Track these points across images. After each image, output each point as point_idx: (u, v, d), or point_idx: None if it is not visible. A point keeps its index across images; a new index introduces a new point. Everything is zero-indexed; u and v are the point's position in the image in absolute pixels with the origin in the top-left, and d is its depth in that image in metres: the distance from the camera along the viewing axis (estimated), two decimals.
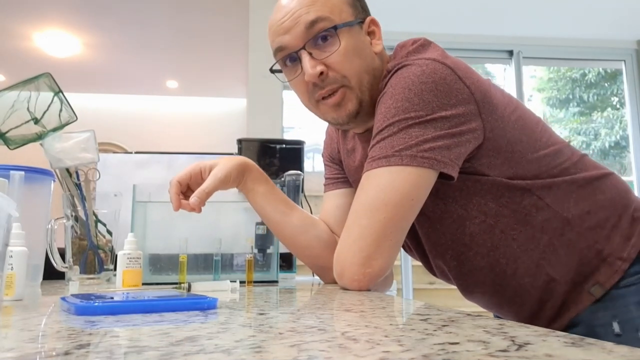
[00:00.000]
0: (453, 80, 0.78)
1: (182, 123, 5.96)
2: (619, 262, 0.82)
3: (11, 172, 0.89)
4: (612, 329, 0.79)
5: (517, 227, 0.82)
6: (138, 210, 1.01)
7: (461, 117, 0.77)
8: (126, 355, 0.31)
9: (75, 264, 1.00)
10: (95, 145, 1.04)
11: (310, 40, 0.83)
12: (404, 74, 0.79)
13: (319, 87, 0.85)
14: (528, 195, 0.82)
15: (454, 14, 3.81)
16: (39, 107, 1.00)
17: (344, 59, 0.84)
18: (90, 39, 4.48)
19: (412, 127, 0.76)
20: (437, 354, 0.29)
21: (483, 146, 0.80)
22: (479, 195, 0.82)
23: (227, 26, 4.14)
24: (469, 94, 0.78)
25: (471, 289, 0.92)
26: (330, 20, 0.83)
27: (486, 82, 0.84)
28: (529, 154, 0.83)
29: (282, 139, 1.63)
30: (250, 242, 1.00)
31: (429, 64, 0.79)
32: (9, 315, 0.54)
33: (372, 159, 0.78)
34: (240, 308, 0.58)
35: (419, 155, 0.74)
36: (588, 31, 4.12)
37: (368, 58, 0.87)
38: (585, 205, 0.83)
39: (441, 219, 0.85)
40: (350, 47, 0.84)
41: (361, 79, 0.85)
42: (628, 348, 0.29)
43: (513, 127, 0.82)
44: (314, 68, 0.83)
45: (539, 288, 0.84)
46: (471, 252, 0.86)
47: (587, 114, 5.57)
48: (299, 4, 0.84)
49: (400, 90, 0.78)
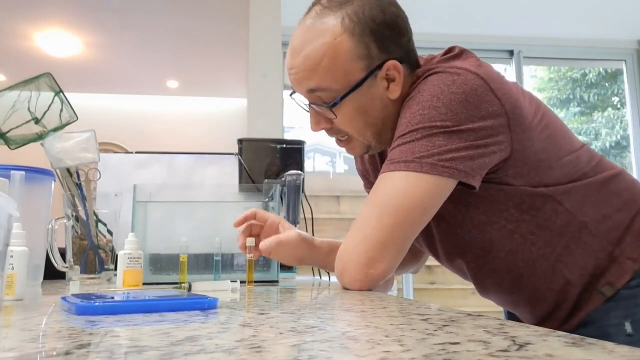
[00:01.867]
0: (484, 93, 0.75)
1: (182, 123, 5.96)
2: (629, 262, 0.81)
3: (12, 172, 0.89)
4: (624, 329, 0.78)
5: (536, 232, 0.82)
6: (139, 210, 1.01)
7: (489, 130, 0.75)
8: (127, 355, 0.31)
9: (76, 264, 1.00)
10: (96, 145, 1.04)
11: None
12: (434, 82, 0.77)
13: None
14: (549, 201, 0.81)
15: (455, 14, 3.80)
16: (40, 107, 1.00)
17: (346, 123, 0.84)
18: (91, 39, 4.48)
19: (437, 135, 0.74)
20: (438, 354, 0.29)
21: (511, 159, 0.78)
22: (502, 203, 0.82)
23: (227, 26, 4.14)
24: (500, 106, 0.76)
25: (488, 289, 0.93)
26: (331, 91, 0.81)
27: (516, 92, 0.81)
28: (554, 162, 0.82)
29: (282, 139, 1.63)
30: (250, 242, 1.00)
31: (461, 73, 0.76)
32: (10, 315, 0.54)
33: (391, 161, 0.77)
34: (241, 308, 0.58)
35: (439, 164, 0.73)
36: (589, 31, 4.12)
37: (377, 111, 0.84)
38: (602, 208, 0.83)
39: (462, 224, 0.85)
40: (353, 111, 0.83)
41: (365, 134, 0.85)
42: (629, 348, 0.29)
43: (540, 137, 0.81)
44: (316, 125, 0.85)
45: (554, 290, 0.84)
46: (490, 256, 0.86)
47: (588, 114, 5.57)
48: (303, 66, 0.81)
49: (429, 98, 0.76)
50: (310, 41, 0.80)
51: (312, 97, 0.83)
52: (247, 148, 1.58)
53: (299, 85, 0.84)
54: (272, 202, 1.10)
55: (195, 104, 6.02)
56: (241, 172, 1.57)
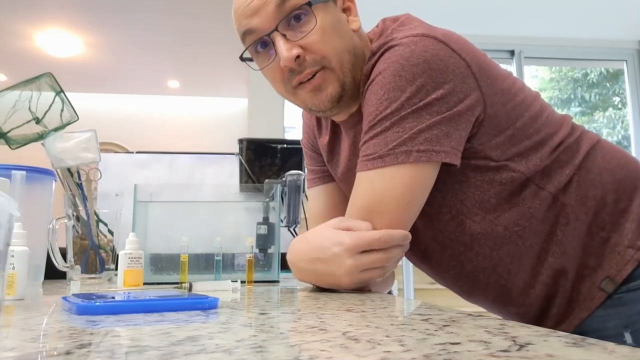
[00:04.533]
0: (447, 55, 0.71)
1: (183, 123, 5.96)
2: (630, 250, 0.75)
3: (13, 172, 0.89)
4: (624, 340, 0.73)
5: (520, 222, 0.77)
6: (139, 210, 1.01)
7: (459, 94, 0.71)
8: (127, 355, 0.31)
9: (76, 263, 1.00)
10: (96, 145, 1.04)
11: (282, 21, 0.76)
12: (392, 57, 0.73)
13: (297, 72, 0.77)
14: (528, 185, 0.77)
15: (455, 13, 3.80)
16: (41, 106, 1.00)
17: (321, 38, 0.76)
18: (92, 39, 4.48)
19: (406, 118, 0.70)
20: (438, 354, 0.29)
21: (484, 123, 0.74)
22: (478, 187, 0.77)
23: (228, 26, 4.12)
24: (465, 67, 0.72)
25: (472, 292, 0.87)
26: None
27: (482, 53, 0.78)
28: (530, 131, 0.77)
29: (283, 139, 1.63)
30: (251, 241, 1.00)
31: (417, 41, 0.72)
32: (11, 315, 0.54)
33: (366, 157, 0.74)
34: (242, 308, 0.58)
35: (414, 149, 0.70)
36: (590, 31, 4.12)
37: (347, 36, 0.79)
38: (590, 189, 0.77)
39: (439, 214, 0.80)
40: (328, 25, 0.77)
41: (342, 58, 0.78)
42: (629, 348, 0.29)
43: (513, 100, 0.77)
44: (289, 51, 0.75)
45: (544, 283, 0.79)
46: (472, 252, 0.81)
47: (589, 114, 5.56)
48: None
49: (391, 78, 0.72)
50: None
51: (284, 11, 0.75)
52: (248, 148, 1.58)
53: (264, 5, 0.76)
54: (272, 201, 1.10)
55: (195, 103, 6.02)
56: (241, 172, 1.57)
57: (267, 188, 1.14)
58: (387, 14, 0.88)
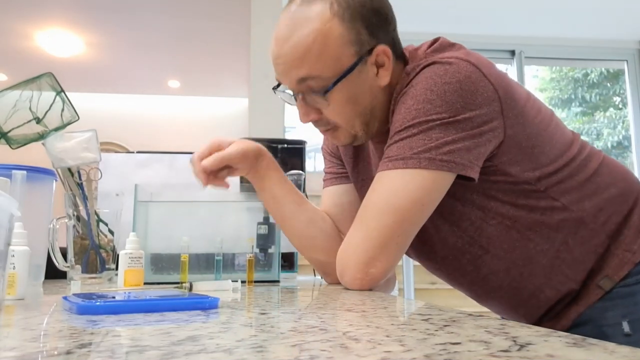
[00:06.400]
0: (478, 79, 0.75)
1: (183, 123, 5.96)
2: (627, 254, 0.81)
3: (13, 172, 0.89)
4: (622, 329, 0.78)
5: (533, 227, 0.82)
6: (140, 209, 1.01)
7: (484, 117, 0.75)
8: (128, 355, 0.31)
9: (77, 263, 1.00)
10: (97, 144, 1.04)
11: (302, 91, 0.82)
12: (427, 74, 0.76)
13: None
14: (544, 197, 0.81)
15: (456, 13, 3.80)
16: (41, 106, 1.00)
17: (336, 112, 0.82)
18: (92, 39, 4.48)
19: (433, 129, 0.73)
20: (439, 354, 0.29)
21: (504, 144, 0.78)
22: (497, 199, 0.81)
23: (229, 26, 4.14)
24: (493, 91, 0.76)
25: (487, 295, 0.91)
26: (321, 79, 0.78)
27: (507, 76, 0.81)
28: (547, 148, 0.81)
29: (283, 139, 1.63)
30: (251, 241, 1.00)
31: (453, 62, 0.76)
32: (11, 315, 0.54)
33: (388, 158, 0.77)
34: (242, 308, 0.58)
35: (437, 158, 0.73)
36: (590, 31, 4.12)
37: (367, 99, 0.83)
38: (599, 201, 0.83)
39: (459, 221, 0.84)
40: (344, 99, 0.81)
41: (353, 124, 0.84)
42: (630, 348, 0.29)
43: (532, 122, 0.81)
44: (305, 117, 0.83)
45: (553, 287, 0.84)
46: (488, 256, 0.85)
47: (590, 114, 5.56)
48: (292, 54, 0.78)
49: (422, 91, 0.75)
50: (298, 28, 0.77)
51: (302, 87, 0.81)
52: None
53: (286, 75, 0.81)
54: None
55: (196, 103, 6.02)
56: None
57: None
58: None
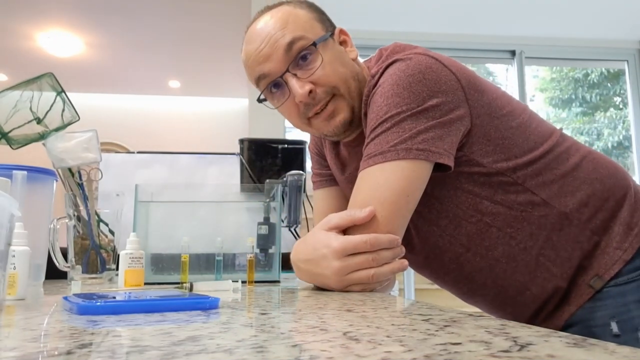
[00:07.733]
0: (439, 69, 0.80)
1: (184, 123, 5.97)
2: (618, 252, 0.81)
3: (14, 172, 0.89)
4: (610, 329, 0.78)
5: (514, 224, 0.82)
6: (140, 209, 1.01)
7: (450, 104, 0.78)
8: (128, 355, 0.31)
9: (77, 263, 1.00)
10: (97, 145, 1.04)
11: (292, 62, 0.84)
12: (390, 72, 0.81)
13: (311, 105, 0.86)
14: (522, 191, 0.82)
15: (456, 13, 3.80)
16: (42, 106, 1.00)
17: (329, 71, 0.85)
18: (93, 39, 4.48)
19: (405, 120, 0.77)
20: (439, 355, 0.29)
21: (472, 133, 0.81)
22: (473, 193, 0.83)
23: (229, 26, 4.14)
24: (455, 80, 0.80)
25: (472, 293, 0.92)
26: (306, 38, 0.85)
27: (470, 71, 0.85)
28: (519, 140, 0.83)
29: (284, 139, 1.63)
30: (251, 241, 1.00)
31: (412, 57, 0.81)
32: (11, 315, 0.54)
33: (368, 156, 0.79)
34: (242, 308, 0.59)
35: (414, 147, 0.75)
36: (591, 31, 4.12)
37: (349, 64, 0.89)
38: (582, 197, 0.83)
39: (438, 219, 0.86)
40: (332, 58, 0.86)
41: (349, 84, 0.87)
42: (630, 349, 0.29)
43: (500, 114, 0.83)
44: (302, 88, 0.84)
45: (540, 285, 0.84)
46: (469, 253, 0.86)
47: (590, 114, 5.56)
48: (273, 29, 0.85)
49: (389, 87, 0.79)
50: (272, 24, 0.85)
51: (292, 53, 0.84)
52: (249, 148, 1.58)
53: (273, 52, 0.84)
54: (273, 202, 1.10)
55: (196, 103, 6.03)
56: (242, 172, 1.57)
57: (268, 188, 1.14)
58: (389, 13, 0.91)
